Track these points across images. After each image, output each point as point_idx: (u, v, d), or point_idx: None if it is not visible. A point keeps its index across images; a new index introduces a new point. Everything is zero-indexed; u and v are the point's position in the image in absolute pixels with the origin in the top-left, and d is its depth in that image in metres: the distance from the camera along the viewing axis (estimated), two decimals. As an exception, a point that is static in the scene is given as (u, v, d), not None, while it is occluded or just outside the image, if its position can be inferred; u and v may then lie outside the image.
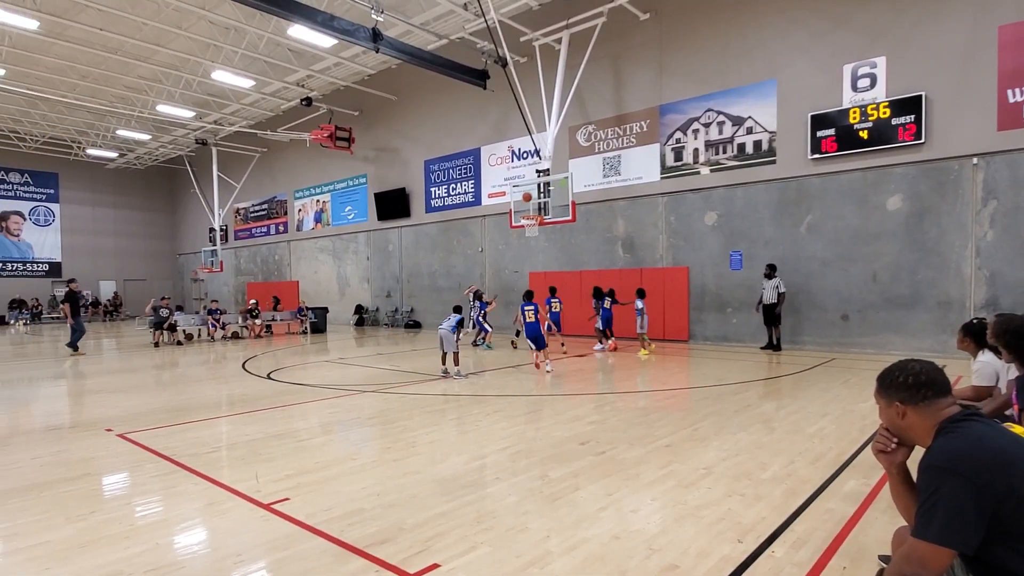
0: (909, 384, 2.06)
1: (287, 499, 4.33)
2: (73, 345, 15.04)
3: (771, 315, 12.90)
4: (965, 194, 11.28)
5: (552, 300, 14.43)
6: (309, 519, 3.94)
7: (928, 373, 2.07)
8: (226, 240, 31.75)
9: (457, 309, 10.84)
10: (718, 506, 4.04)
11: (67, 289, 15.68)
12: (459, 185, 20.34)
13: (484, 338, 15.15)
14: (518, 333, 14.15)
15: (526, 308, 10.73)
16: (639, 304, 13.13)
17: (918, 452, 2.14)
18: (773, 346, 12.99)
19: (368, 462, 5.28)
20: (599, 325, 13.90)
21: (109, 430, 6.72)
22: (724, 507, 4.02)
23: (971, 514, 1.78)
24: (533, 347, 10.57)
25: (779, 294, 12.73)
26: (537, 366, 10.62)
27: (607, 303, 13.84)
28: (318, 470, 5.05)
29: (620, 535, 3.60)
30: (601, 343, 13.94)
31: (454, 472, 4.91)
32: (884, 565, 2.70)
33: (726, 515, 3.88)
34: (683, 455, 5.27)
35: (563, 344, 14.27)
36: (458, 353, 10.23)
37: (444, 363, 10.38)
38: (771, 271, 12.91)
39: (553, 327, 13.83)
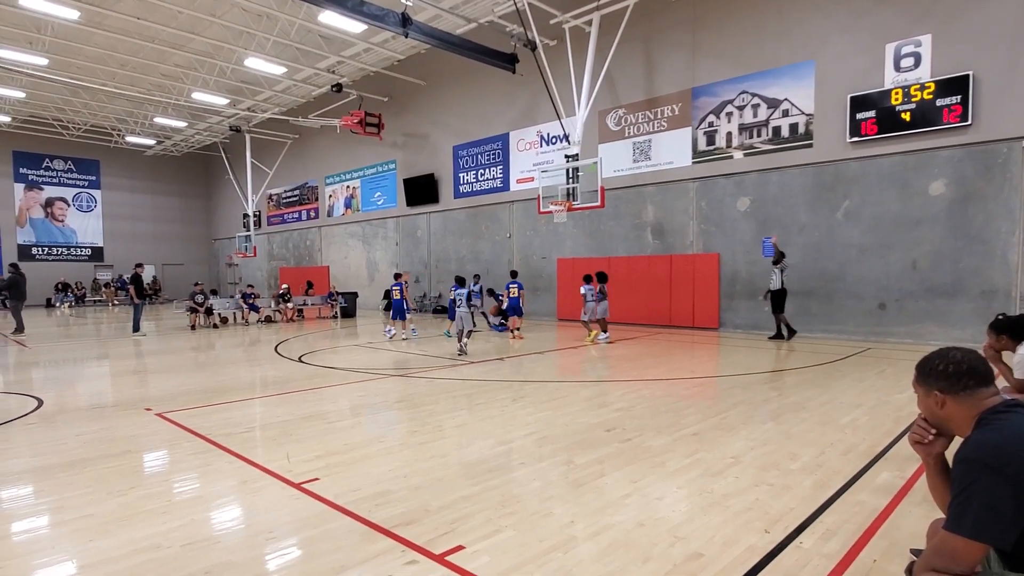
0: (949, 373, 1.99)
1: (317, 479, 4.43)
2: (136, 326, 15.88)
3: (780, 302, 12.63)
4: (1013, 178, 10.81)
5: (511, 284, 14.51)
6: (338, 499, 4.02)
7: (970, 362, 1.99)
8: (259, 226, 32.35)
9: (460, 281, 11.86)
10: (745, 496, 4.00)
11: (134, 272, 16.51)
12: (487, 171, 20.31)
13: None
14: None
15: (393, 288, 14.13)
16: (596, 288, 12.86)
17: (957, 442, 2.08)
18: (784, 335, 12.72)
19: (395, 445, 5.37)
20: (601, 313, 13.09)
21: (148, 409, 6.95)
22: (751, 497, 3.98)
23: (1007, 509, 1.72)
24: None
25: (783, 279, 12.52)
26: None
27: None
28: (347, 452, 5.14)
29: (645, 522, 3.59)
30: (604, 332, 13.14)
31: (479, 456, 4.95)
32: (915, 559, 2.64)
33: (753, 504, 3.84)
34: (710, 444, 5.22)
35: (518, 329, 14.41)
36: (472, 330, 11.35)
37: (460, 340, 11.14)
38: (780, 256, 12.65)
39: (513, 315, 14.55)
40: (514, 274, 15.55)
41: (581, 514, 3.73)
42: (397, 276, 14.49)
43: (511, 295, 14.41)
